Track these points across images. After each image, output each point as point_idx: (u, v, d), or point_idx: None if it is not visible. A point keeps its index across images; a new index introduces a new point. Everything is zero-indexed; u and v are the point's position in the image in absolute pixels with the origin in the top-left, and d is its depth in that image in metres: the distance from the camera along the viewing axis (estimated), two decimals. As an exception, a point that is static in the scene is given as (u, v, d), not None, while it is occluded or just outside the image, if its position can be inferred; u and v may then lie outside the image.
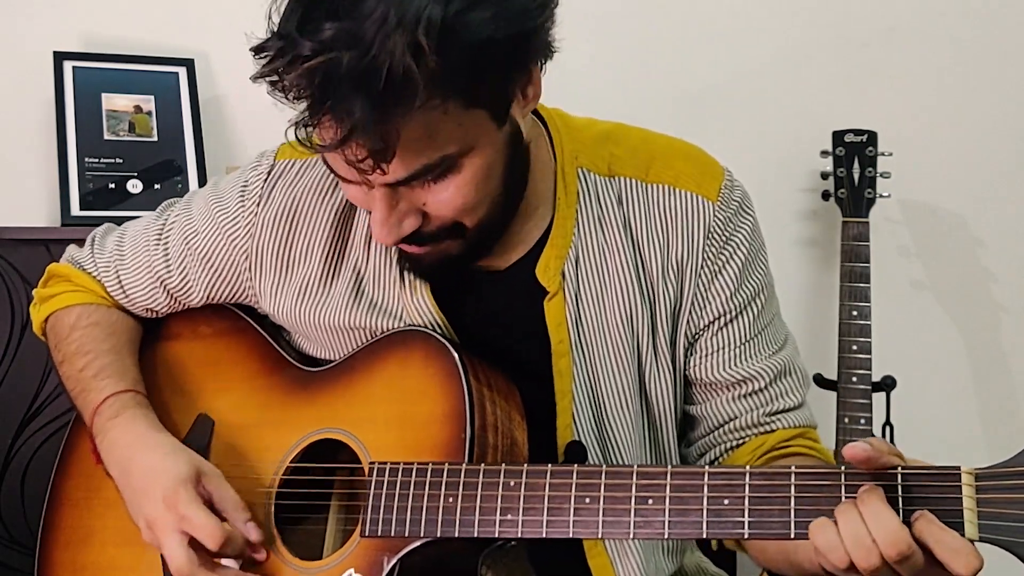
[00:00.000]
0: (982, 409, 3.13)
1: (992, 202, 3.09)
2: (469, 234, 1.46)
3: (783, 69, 3.02)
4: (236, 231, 1.66)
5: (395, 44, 1.23)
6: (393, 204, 1.40)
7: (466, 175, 1.38)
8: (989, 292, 3.11)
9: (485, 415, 1.45)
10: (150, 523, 1.50)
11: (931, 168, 3.04)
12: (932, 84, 3.06)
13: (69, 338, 1.74)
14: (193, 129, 2.71)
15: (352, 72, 1.24)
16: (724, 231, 1.57)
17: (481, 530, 1.38)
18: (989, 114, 3.08)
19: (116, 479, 1.59)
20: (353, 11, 1.25)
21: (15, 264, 2.42)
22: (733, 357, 1.58)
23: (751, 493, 1.27)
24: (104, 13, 2.77)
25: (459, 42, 1.26)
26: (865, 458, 1.20)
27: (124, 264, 1.76)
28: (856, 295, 2.70)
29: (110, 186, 2.61)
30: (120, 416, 1.61)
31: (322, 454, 1.59)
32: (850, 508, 1.21)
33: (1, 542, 2.41)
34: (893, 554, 1.17)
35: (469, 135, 1.36)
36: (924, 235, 3.09)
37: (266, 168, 1.68)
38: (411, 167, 1.34)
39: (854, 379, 2.67)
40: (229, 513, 1.51)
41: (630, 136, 1.64)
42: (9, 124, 2.72)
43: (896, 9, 3.04)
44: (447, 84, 1.28)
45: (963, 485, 1.19)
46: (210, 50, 2.82)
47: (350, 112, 1.26)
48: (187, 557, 1.45)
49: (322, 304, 1.62)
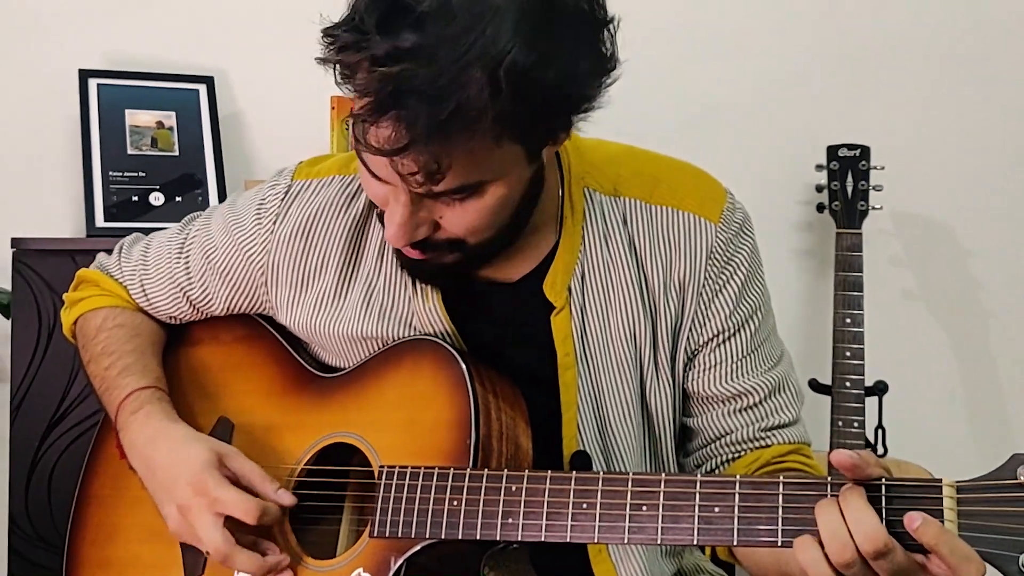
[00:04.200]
0: (971, 413, 3.13)
1: (980, 214, 3.08)
2: (468, 250, 1.46)
3: (780, 88, 3.02)
4: (253, 247, 1.67)
5: (472, 76, 1.22)
6: (415, 211, 1.39)
7: (487, 200, 1.38)
8: (978, 300, 3.11)
9: (490, 422, 1.46)
10: (182, 510, 1.50)
11: (922, 181, 3.03)
12: (923, 101, 3.06)
13: (96, 339, 1.74)
14: (213, 144, 2.72)
15: (423, 88, 1.23)
16: (725, 252, 1.57)
17: (484, 533, 1.38)
18: (977, 130, 3.07)
19: (139, 472, 1.59)
20: (438, 28, 1.23)
21: (42, 273, 2.42)
22: (729, 372, 1.58)
23: (740, 502, 1.26)
24: (128, 32, 2.78)
25: (532, 90, 1.26)
26: (851, 466, 1.19)
27: (148, 274, 1.77)
28: (849, 303, 2.70)
29: (133, 199, 2.61)
30: (141, 411, 1.61)
31: (335, 457, 1.59)
32: (830, 503, 1.21)
33: (29, 540, 2.41)
34: (869, 550, 1.16)
35: (504, 166, 1.36)
36: (915, 246, 3.09)
37: (283, 188, 1.68)
38: (449, 185, 1.33)
39: (848, 384, 2.67)
40: (257, 486, 1.51)
41: (636, 158, 1.64)
42: (36, 139, 2.73)
43: (888, 31, 3.04)
44: (509, 124, 1.28)
45: (944, 497, 1.18)
46: (229, 68, 2.83)
47: (413, 125, 1.25)
48: (223, 537, 1.46)
49: (337, 316, 1.62)
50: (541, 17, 1.27)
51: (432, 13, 1.24)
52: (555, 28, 1.28)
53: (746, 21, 3.02)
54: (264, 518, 1.47)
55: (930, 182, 3.06)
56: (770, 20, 3.02)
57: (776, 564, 1.45)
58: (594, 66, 1.35)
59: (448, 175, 1.31)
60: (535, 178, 1.48)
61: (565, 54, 1.29)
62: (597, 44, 1.35)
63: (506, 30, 1.24)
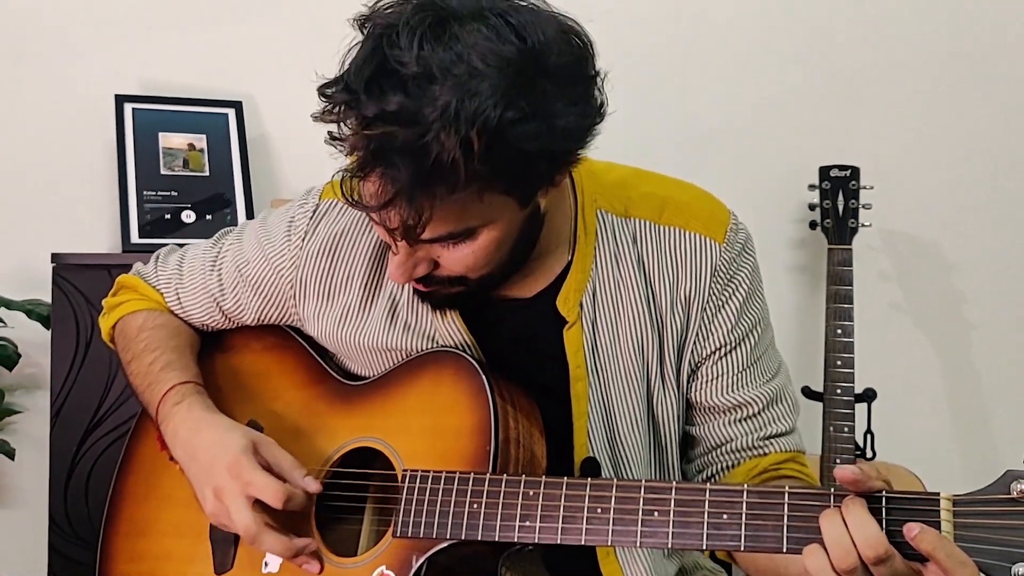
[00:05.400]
0: (954, 418, 3.12)
1: (964, 231, 3.08)
2: (470, 284, 1.48)
3: (775, 113, 3.02)
4: (282, 263, 1.67)
5: (449, 135, 1.23)
6: (412, 253, 1.42)
7: (481, 243, 1.40)
8: (961, 313, 3.11)
9: (508, 430, 1.46)
10: (217, 492, 1.50)
11: (908, 201, 3.03)
12: (909, 125, 3.06)
13: (138, 338, 1.75)
14: (241, 165, 2.72)
15: (406, 148, 1.25)
16: (728, 271, 1.57)
17: (502, 534, 1.39)
18: (960, 152, 3.07)
19: (180, 459, 1.59)
20: (420, 91, 1.25)
21: (80, 287, 2.42)
22: (730, 384, 1.59)
23: (748, 510, 1.27)
24: (161, 59, 2.79)
25: (507, 147, 1.27)
26: (853, 480, 1.20)
27: (183, 284, 1.78)
28: (840, 315, 2.69)
29: (166, 216, 2.61)
30: (183, 403, 1.62)
31: (359, 460, 1.59)
32: (834, 513, 1.21)
33: (67, 538, 2.41)
34: (871, 555, 1.17)
35: (493, 213, 1.37)
36: (902, 261, 3.08)
37: (311, 207, 1.68)
38: (436, 232, 1.35)
39: (839, 391, 2.66)
40: (287, 473, 1.52)
41: (646, 181, 1.64)
42: (76, 160, 2.74)
43: (876, 60, 3.04)
44: (488, 178, 1.29)
45: (941, 510, 1.19)
46: (257, 93, 2.83)
47: (396, 180, 1.27)
48: (253, 519, 1.47)
49: (361, 328, 1.63)
50: (523, 78, 1.27)
51: (416, 76, 1.26)
52: (537, 87, 1.29)
53: (743, 52, 3.02)
54: (290, 503, 1.48)
55: (916, 201, 3.06)
56: (765, 51, 3.03)
57: (772, 565, 1.46)
58: (579, 120, 1.35)
59: (432, 225, 1.33)
60: (532, 217, 1.47)
61: (544, 111, 1.29)
62: (581, 99, 1.35)
63: (485, 91, 1.25)
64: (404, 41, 1.27)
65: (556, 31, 1.33)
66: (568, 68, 1.33)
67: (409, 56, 1.26)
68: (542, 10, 1.35)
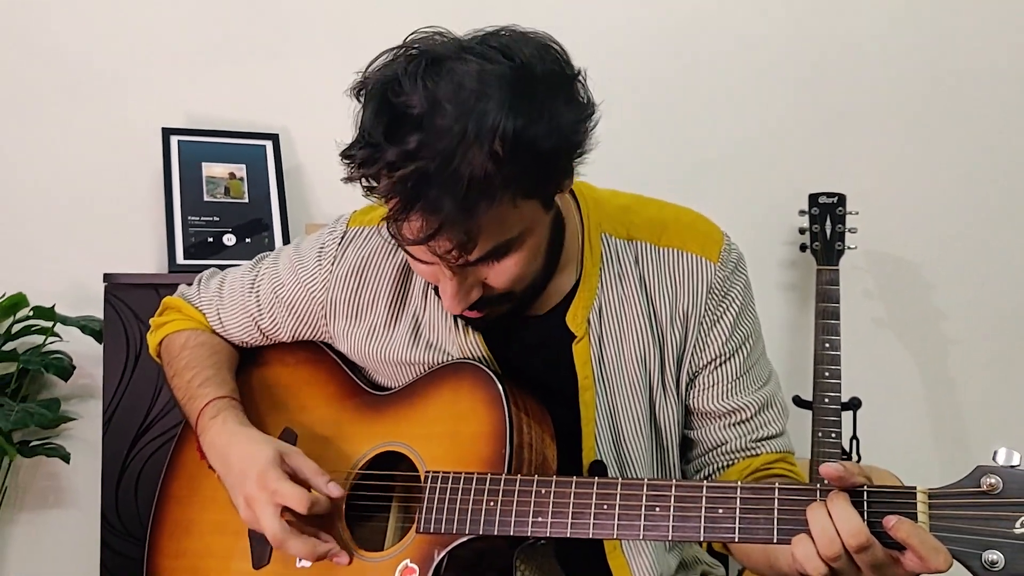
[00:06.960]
0: (933, 425, 3.11)
1: (943, 253, 3.08)
2: (518, 297, 1.48)
3: (767, 143, 3.03)
4: (314, 285, 1.68)
5: (475, 154, 1.24)
6: (463, 280, 1.41)
7: (523, 253, 1.40)
8: (939, 328, 3.10)
9: (522, 435, 1.46)
10: (248, 501, 1.50)
11: (891, 225, 3.03)
12: (893, 155, 3.07)
13: (180, 356, 1.75)
14: (278, 192, 2.73)
15: (439, 178, 1.24)
16: (722, 287, 1.58)
17: (516, 529, 1.39)
18: (940, 180, 3.08)
19: (217, 469, 1.60)
20: (434, 124, 1.25)
21: (130, 304, 2.44)
22: (725, 391, 1.59)
23: (741, 505, 1.28)
24: (204, 96, 2.80)
25: (527, 150, 1.28)
26: (837, 476, 1.22)
27: (223, 305, 1.79)
28: (828, 330, 2.69)
29: (209, 240, 2.62)
30: (218, 416, 1.62)
31: (386, 463, 1.60)
32: (820, 506, 1.23)
33: (118, 534, 2.42)
34: (853, 544, 1.18)
35: (527, 220, 1.38)
36: (885, 280, 3.08)
37: (340, 233, 1.69)
38: (483, 250, 1.35)
39: (826, 400, 2.65)
40: (311, 480, 1.52)
41: (647, 206, 1.64)
42: (126, 188, 2.76)
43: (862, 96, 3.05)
44: (518, 183, 1.30)
45: (918, 502, 1.20)
46: (292, 127, 2.85)
47: (438, 210, 1.26)
48: (280, 526, 1.47)
49: (387, 344, 1.64)
50: (519, 88, 1.29)
51: (427, 112, 1.26)
52: (536, 95, 1.30)
53: (739, 86, 3.03)
54: (314, 508, 1.47)
55: (898, 226, 3.06)
56: (760, 85, 3.03)
57: (764, 555, 1.46)
58: (576, 115, 1.36)
59: (479, 243, 1.33)
60: (556, 220, 1.49)
61: (548, 113, 1.30)
62: (573, 97, 1.37)
63: (492, 107, 1.26)
64: (407, 87, 1.28)
65: (535, 45, 1.35)
66: (554, 74, 1.34)
67: (415, 98, 1.27)
68: (515, 31, 1.37)
